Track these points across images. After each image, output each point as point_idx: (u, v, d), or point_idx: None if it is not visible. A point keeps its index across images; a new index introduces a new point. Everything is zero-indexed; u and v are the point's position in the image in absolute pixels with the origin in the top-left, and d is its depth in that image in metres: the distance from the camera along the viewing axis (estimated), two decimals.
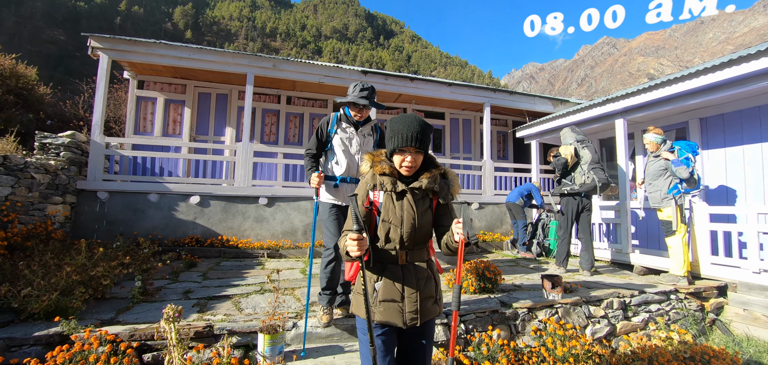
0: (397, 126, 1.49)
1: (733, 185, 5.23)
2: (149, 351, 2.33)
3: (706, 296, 4.23)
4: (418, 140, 1.47)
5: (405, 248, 1.49)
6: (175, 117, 7.58)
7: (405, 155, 1.49)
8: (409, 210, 1.48)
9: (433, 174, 1.54)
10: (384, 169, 1.53)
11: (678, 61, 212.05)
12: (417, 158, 1.51)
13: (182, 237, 6.01)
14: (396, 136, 1.48)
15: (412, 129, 1.46)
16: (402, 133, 1.46)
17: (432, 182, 1.52)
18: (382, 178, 1.53)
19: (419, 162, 1.53)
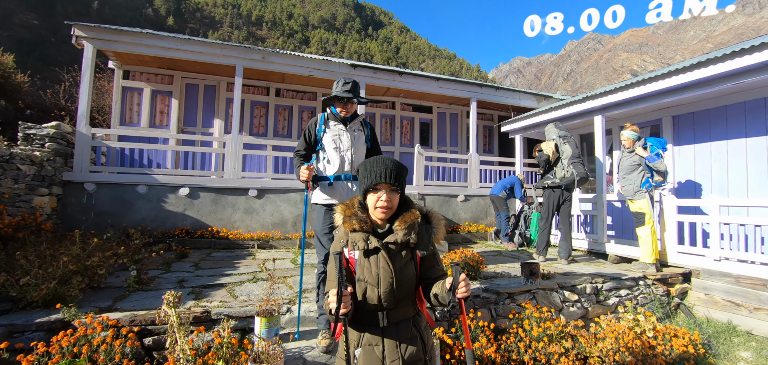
0: (369, 164, 1.39)
1: (700, 180, 5.59)
2: (150, 336, 2.44)
3: (672, 282, 4.57)
4: (393, 176, 1.35)
5: (384, 308, 1.33)
6: (162, 108, 7.52)
7: (379, 193, 1.36)
8: (385, 268, 1.31)
9: (409, 221, 1.36)
10: (354, 225, 1.37)
11: (660, 59, 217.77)
12: (393, 197, 1.36)
13: (172, 229, 6.04)
14: (369, 174, 1.36)
15: (386, 166, 1.35)
16: (375, 170, 1.35)
17: (408, 232, 1.34)
18: (352, 235, 1.37)
19: (396, 203, 1.38)
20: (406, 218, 1.36)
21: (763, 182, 4.90)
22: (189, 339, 2.09)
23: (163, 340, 2.43)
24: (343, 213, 1.41)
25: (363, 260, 1.34)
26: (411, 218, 1.37)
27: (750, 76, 4.34)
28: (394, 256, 1.34)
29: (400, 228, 1.34)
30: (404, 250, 1.36)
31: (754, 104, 5.05)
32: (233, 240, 6.08)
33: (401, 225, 1.35)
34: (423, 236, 1.37)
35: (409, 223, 1.36)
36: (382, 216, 1.36)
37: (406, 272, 1.34)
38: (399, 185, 1.37)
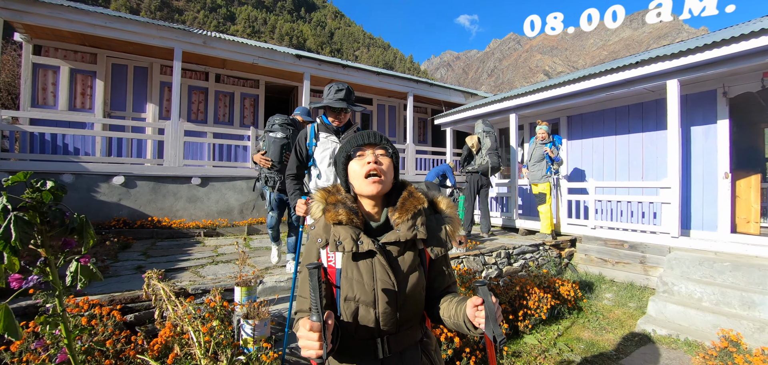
0: (346, 141, 1.10)
1: (585, 167, 7.10)
2: (131, 312, 2.63)
3: (563, 246, 5.87)
4: (380, 138, 1.06)
5: (384, 333, 0.97)
6: (83, 90, 6.82)
7: (363, 153, 1.03)
8: (384, 279, 0.94)
9: (412, 208, 1.01)
10: (339, 216, 0.99)
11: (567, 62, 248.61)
12: (384, 162, 1.04)
13: (106, 220, 5.72)
14: (347, 143, 1.07)
15: (368, 133, 1.08)
16: (354, 138, 1.06)
17: (412, 223, 0.99)
18: (337, 230, 0.98)
19: (390, 174, 1.04)
20: (408, 205, 1.00)
21: (624, 169, 6.49)
22: (182, 306, 2.38)
23: (145, 316, 2.64)
24: (323, 200, 1.04)
25: (350, 268, 0.95)
26: (414, 204, 1.01)
27: (617, 89, 5.73)
28: (396, 261, 0.97)
29: (401, 219, 0.98)
30: (409, 251, 0.99)
31: (622, 110, 6.60)
32: (177, 229, 5.98)
33: (402, 215, 0.99)
34: (434, 228, 1.02)
35: (412, 210, 0.99)
36: (373, 190, 0.99)
37: (414, 282, 0.97)
38: (390, 151, 1.05)
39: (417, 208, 1.01)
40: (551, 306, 3.85)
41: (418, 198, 1.04)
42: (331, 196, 1.06)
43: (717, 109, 5.37)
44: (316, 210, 1.05)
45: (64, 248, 0.80)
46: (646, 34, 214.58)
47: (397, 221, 1.00)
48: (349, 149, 1.05)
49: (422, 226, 1.00)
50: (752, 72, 4.88)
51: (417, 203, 1.02)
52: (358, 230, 0.98)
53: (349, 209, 1.00)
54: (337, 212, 0.99)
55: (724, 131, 5.30)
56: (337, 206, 1.01)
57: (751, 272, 3.80)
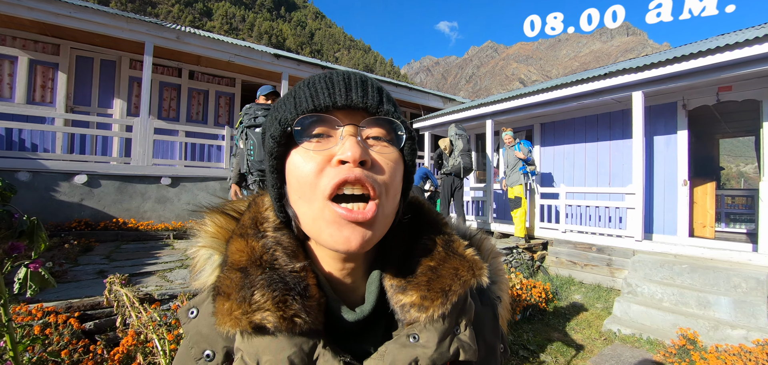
0: (295, 87, 0.46)
1: (557, 173, 7.37)
2: (90, 320, 2.48)
3: (536, 249, 6.06)
4: (374, 93, 0.44)
5: None
6: (44, 82, 6.40)
7: (329, 133, 0.42)
8: None
9: (453, 282, 0.45)
10: (260, 312, 0.39)
11: (541, 71, 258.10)
12: (382, 158, 0.42)
13: (66, 221, 5.37)
14: (292, 97, 0.44)
15: (344, 77, 0.43)
16: (313, 85, 0.43)
17: (449, 326, 0.44)
18: (253, 344, 0.41)
19: (393, 186, 0.43)
20: (445, 279, 0.45)
21: (593, 175, 6.79)
22: (147, 313, 2.26)
23: (106, 324, 2.50)
24: (218, 247, 0.48)
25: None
26: (459, 274, 0.46)
27: (587, 98, 5.99)
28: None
29: (425, 312, 0.43)
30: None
31: (591, 118, 6.91)
32: (144, 231, 5.70)
33: (429, 303, 0.43)
34: (484, 328, 0.52)
35: (454, 294, 0.44)
36: (351, 243, 0.40)
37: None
38: (400, 130, 0.45)
39: (463, 288, 0.45)
40: (523, 307, 3.96)
41: (465, 259, 0.47)
42: (238, 239, 0.46)
43: (677, 120, 5.72)
44: (205, 270, 0.47)
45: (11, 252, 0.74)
46: (614, 48, 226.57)
47: (413, 314, 0.43)
48: (290, 115, 0.42)
49: (468, 330, 0.46)
50: (709, 87, 5.24)
51: (464, 272, 0.46)
52: (313, 341, 0.41)
53: (283, 287, 0.41)
54: (250, 300, 0.40)
55: (683, 141, 5.65)
56: (248, 278, 0.41)
57: (706, 274, 4.05)
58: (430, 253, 0.47)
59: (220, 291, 0.42)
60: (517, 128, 7.90)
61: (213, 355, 0.45)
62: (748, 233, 7.42)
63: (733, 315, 3.59)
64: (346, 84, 0.43)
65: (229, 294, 0.41)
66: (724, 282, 3.90)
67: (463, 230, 0.59)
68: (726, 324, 3.52)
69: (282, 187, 0.46)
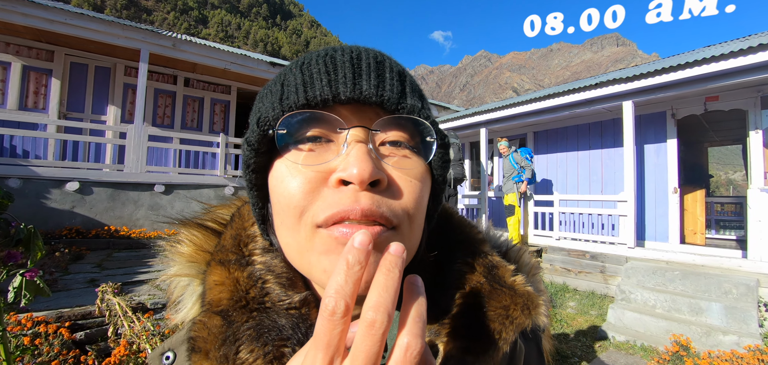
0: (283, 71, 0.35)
1: (551, 181, 7.45)
2: (81, 330, 2.44)
3: None
4: (394, 79, 0.32)
5: None
6: (37, 88, 6.34)
7: (326, 134, 0.31)
8: None
9: (503, 326, 0.34)
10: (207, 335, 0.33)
11: (534, 80, 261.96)
12: (398, 172, 0.31)
13: (56, 229, 5.30)
14: (281, 83, 0.33)
15: (349, 55, 0.32)
16: (306, 64, 0.32)
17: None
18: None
19: (417, 205, 0.32)
20: (494, 323, 0.34)
21: (585, 183, 6.87)
22: (140, 322, 2.23)
23: (98, 333, 2.46)
24: (196, 276, 0.39)
25: None
26: (504, 314, 0.35)
27: (579, 107, 6.08)
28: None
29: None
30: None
31: (583, 127, 7.01)
32: (137, 239, 5.64)
33: (472, 358, 0.33)
34: (534, 361, 0.40)
35: (501, 344, 0.34)
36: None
37: None
38: (426, 132, 0.33)
39: (516, 333, 0.35)
40: None
41: (517, 294, 0.37)
42: (218, 268, 0.37)
43: (667, 129, 5.83)
44: (184, 301, 0.40)
45: (7, 260, 0.74)
46: (604, 58, 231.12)
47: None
48: (272, 111, 0.31)
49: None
50: (696, 96, 5.36)
51: (516, 312, 0.36)
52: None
53: (278, 337, 0.33)
54: (234, 360, 0.32)
55: (673, 150, 5.75)
56: (231, 327, 0.33)
57: (698, 281, 4.11)
58: (468, 285, 0.36)
59: (195, 346, 0.32)
60: (510, 136, 7.98)
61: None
62: (738, 239, 7.54)
63: (724, 320, 3.64)
64: (355, 67, 0.31)
65: (208, 350, 0.31)
66: (715, 288, 3.95)
67: (495, 239, 0.47)
68: (718, 330, 3.57)
69: (265, 207, 0.35)
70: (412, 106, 0.32)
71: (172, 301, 0.39)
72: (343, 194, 0.29)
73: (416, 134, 0.33)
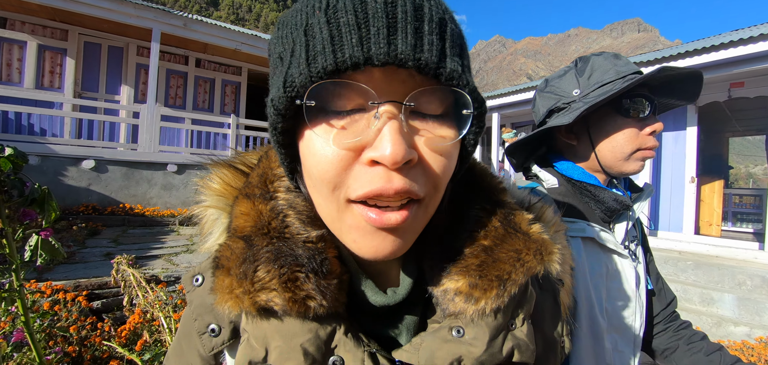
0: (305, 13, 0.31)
1: None
2: (97, 299, 2.53)
3: None
4: (432, 43, 0.29)
5: None
6: (52, 68, 6.46)
7: (356, 122, 0.31)
8: None
9: (512, 269, 0.36)
10: (266, 292, 0.33)
11: (550, 67, 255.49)
12: (426, 145, 0.31)
13: (74, 205, 5.46)
14: (304, 31, 0.30)
15: (388, 3, 0.28)
16: (338, 18, 0.28)
17: (504, 322, 0.36)
18: (259, 327, 0.35)
19: (443, 172, 0.32)
20: (503, 263, 0.36)
21: None
22: (154, 292, 2.31)
23: (113, 303, 2.56)
24: (225, 207, 0.42)
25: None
26: (519, 260, 0.36)
27: None
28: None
29: (475, 304, 0.35)
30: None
31: None
32: (151, 217, 5.78)
33: (481, 294, 0.35)
34: (544, 314, 0.45)
35: (513, 284, 0.36)
36: (382, 251, 0.33)
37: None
38: (455, 99, 0.33)
39: (526, 276, 0.37)
40: None
41: (531, 239, 0.38)
42: (244, 201, 0.39)
43: (687, 116, 5.64)
44: (213, 233, 0.42)
45: (23, 219, 0.76)
46: (625, 44, 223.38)
47: (459, 304, 0.35)
48: (299, 75, 0.29)
49: (525, 325, 0.38)
50: (720, 82, 5.15)
51: (528, 256, 0.37)
52: (332, 325, 0.35)
53: (293, 262, 0.34)
54: (253, 277, 0.34)
55: (692, 138, 5.58)
56: (252, 250, 0.35)
57: (710, 271, 4.03)
58: (483, 229, 0.38)
59: (219, 263, 0.35)
60: (523, 122, 7.85)
61: (218, 330, 0.39)
62: (755, 232, 7.33)
63: (736, 312, 3.58)
64: (389, 17, 0.28)
65: (229, 267, 0.34)
66: (728, 280, 3.87)
67: (520, 196, 0.48)
68: (729, 321, 3.51)
69: (293, 162, 0.36)
70: (451, 71, 0.29)
71: (204, 233, 0.42)
72: (376, 174, 0.29)
73: (453, 104, 0.33)
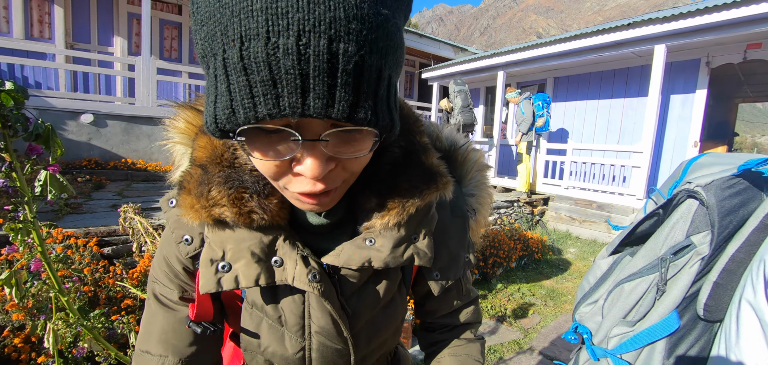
0: None
1: (567, 128, 7.25)
2: (108, 246, 2.62)
3: (536, 204, 6.13)
4: (343, 98, 0.30)
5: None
6: (40, 17, 6.21)
7: (282, 142, 0.34)
8: (328, 328, 0.48)
9: (414, 199, 0.46)
10: (219, 207, 0.42)
11: (561, 24, 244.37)
12: (345, 147, 0.36)
13: (76, 160, 5.49)
14: (230, 70, 0.30)
15: (297, 67, 0.28)
16: (250, 71, 0.29)
17: (407, 234, 0.47)
18: (218, 236, 0.45)
19: (366, 161, 0.40)
20: (407, 198, 0.46)
21: (603, 133, 6.67)
22: (155, 243, 2.38)
23: (123, 250, 2.65)
24: (187, 140, 0.49)
25: (256, 303, 0.49)
26: (421, 193, 0.46)
27: (606, 51, 5.73)
28: (356, 294, 0.50)
29: (383, 221, 0.46)
30: (385, 278, 0.51)
31: (607, 74, 6.65)
32: (154, 172, 5.83)
33: (389, 215, 0.45)
34: (446, 237, 0.54)
35: (413, 208, 0.46)
36: (313, 210, 0.43)
37: (386, 323, 0.54)
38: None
39: (422, 200, 0.46)
40: (519, 256, 4.09)
41: (429, 171, 0.47)
42: (202, 136, 0.46)
43: (698, 78, 5.50)
44: (182, 164, 0.49)
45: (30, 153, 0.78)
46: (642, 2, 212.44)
47: (371, 220, 0.46)
48: (222, 113, 0.31)
49: (426, 239, 0.48)
50: (737, 42, 4.97)
51: (423, 185, 0.46)
52: (273, 235, 0.44)
53: (240, 185, 0.42)
54: (207, 196, 0.42)
55: (700, 101, 5.47)
56: (207, 175, 0.43)
57: None
58: (394, 161, 0.47)
59: (182, 185, 0.45)
60: (529, 81, 7.67)
61: (191, 239, 0.49)
62: None
63: None
64: (303, 75, 0.28)
65: (190, 189, 0.43)
66: None
67: (452, 138, 0.57)
68: None
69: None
70: (362, 119, 0.31)
71: (175, 165, 0.51)
72: (305, 180, 0.36)
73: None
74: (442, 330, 0.63)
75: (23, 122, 0.74)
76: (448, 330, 0.62)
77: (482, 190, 0.59)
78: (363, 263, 0.45)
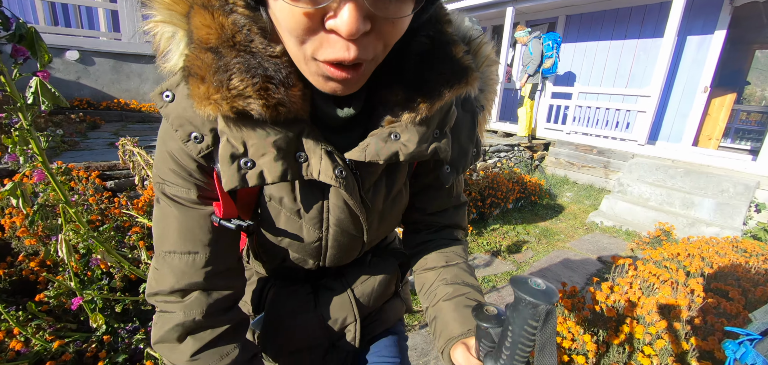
0: None
1: (575, 71, 7.02)
2: (110, 180, 2.65)
3: (536, 149, 6.11)
4: None
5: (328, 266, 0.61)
6: None
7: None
8: (346, 222, 0.53)
9: (441, 93, 0.44)
10: (243, 97, 0.38)
11: None
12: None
13: (67, 98, 5.36)
14: None
15: None
16: None
17: (430, 131, 0.47)
18: (237, 131, 0.41)
19: (401, 34, 0.38)
20: (434, 84, 0.44)
21: (611, 77, 6.47)
22: None
23: (126, 183, 2.68)
24: (181, 20, 0.39)
25: (275, 199, 0.51)
26: (448, 87, 0.44)
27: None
28: (374, 188, 0.53)
29: (410, 118, 0.45)
30: (401, 170, 0.56)
31: (623, 11, 6.28)
32: (148, 113, 5.72)
33: (415, 112, 0.45)
34: (461, 130, 0.56)
35: (440, 103, 0.45)
36: (336, 92, 0.39)
37: (394, 211, 0.59)
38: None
39: (451, 95, 0.45)
40: (516, 197, 4.16)
41: (460, 65, 0.45)
42: (202, 12, 0.38)
43: (718, 18, 5.21)
44: (172, 50, 0.41)
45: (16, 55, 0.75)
46: None
47: (397, 113, 0.45)
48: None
49: (446, 136, 0.50)
50: None
51: (454, 79, 0.44)
52: (298, 128, 0.43)
53: (263, 75, 0.38)
54: (228, 85, 0.37)
55: (718, 44, 5.23)
56: (222, 60, 0.37)
57: (698, 179, 4.15)
58: (422, 53, 0.44)
59: (191, 71, 0.38)
60: (539, 19, 7.28)
61: (201, 138, 0.43)
62: (751, 150, 7.36)
63: (712, 215, 3.79)
64: None
65: (203, 76, 0.37)
66: (713, 186, 4.02)
67: (465, 30, 0.52)
68: (702, 222, 3.74)
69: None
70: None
71: (160, 52, 0.41)
72: (337, 42, 0.34)
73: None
74: (429, 231, 0.66)
75: (4, 20, 0.71)
76: (434, 231, 0.66)
77: (491, 86, 0.57)
78: (390, 156, 0.45)
